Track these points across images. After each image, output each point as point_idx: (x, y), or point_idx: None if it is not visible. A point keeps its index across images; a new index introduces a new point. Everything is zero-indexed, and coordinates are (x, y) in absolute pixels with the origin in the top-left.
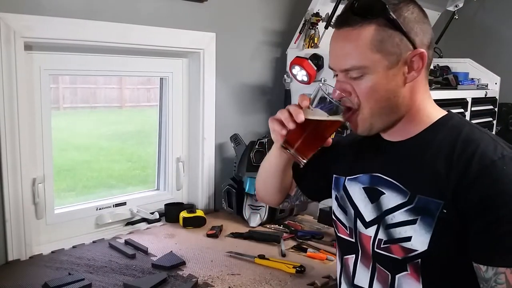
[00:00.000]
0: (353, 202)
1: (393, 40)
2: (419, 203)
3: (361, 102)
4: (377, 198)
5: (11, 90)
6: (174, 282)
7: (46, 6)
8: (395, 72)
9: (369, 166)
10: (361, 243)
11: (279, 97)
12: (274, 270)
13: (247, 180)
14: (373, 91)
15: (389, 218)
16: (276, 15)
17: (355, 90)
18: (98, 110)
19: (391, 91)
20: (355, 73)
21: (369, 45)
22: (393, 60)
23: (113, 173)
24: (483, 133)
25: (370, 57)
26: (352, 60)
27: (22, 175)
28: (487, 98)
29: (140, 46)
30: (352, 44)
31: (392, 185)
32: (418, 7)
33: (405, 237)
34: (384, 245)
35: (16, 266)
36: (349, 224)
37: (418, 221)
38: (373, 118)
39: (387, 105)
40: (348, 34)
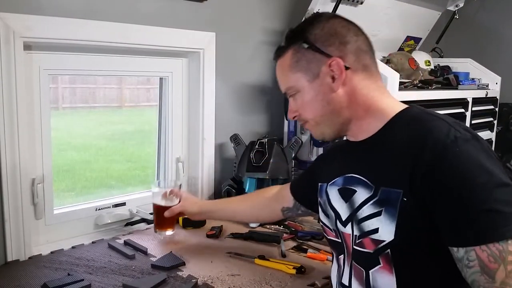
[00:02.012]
0: (332, 205)
1: (306, 57)
2: (382, 194)
3: (304, 116)
4: (350, 196)
5: (10, 90)
6: (174, 282)
7: (46, 6)
8: (319, 83)
9: (343, 168)
10: (345, 242)
11: (279, 97)
12: (274, 270)
13: (247, 181)
14: (306, 104)
15: (359, 213)
16: (276, 15)
17: (298, 108)
18: (97, 110)
19: (323, 100)
20: (290, 93)
21: (288, 67)
22: (313, 74)
23: (112, 173)
24: (438, 120)
25: (293, 77)
26: (283, 84)
27: (21, 175)
28: (487, 98)
29: (139, 46)
30: (280, 71)
31: (360, 181)
32: (333, 22)
33: (373, 229)
34: (358, 240)
35: (15, 266)
36: (332, 227)
37: (382, 212)
38: (320, 126)
39: (325, 113)
40: (278, 64)
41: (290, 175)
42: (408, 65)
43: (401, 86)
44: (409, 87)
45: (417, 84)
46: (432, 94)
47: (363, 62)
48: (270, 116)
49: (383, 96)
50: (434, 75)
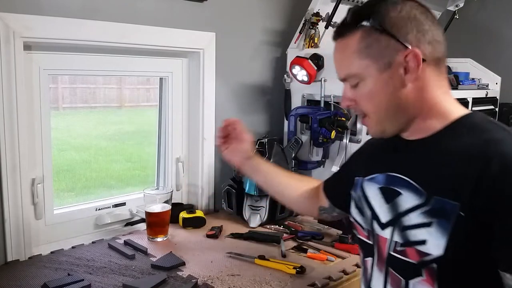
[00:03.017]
0: (369, 203)
1: (379, 44)
2: (435, 204)
3: (363, 109)
4: (393, 198)
5: (10, 90)
6: (174, 282)
7: (46, 6)
8: (390, 75)
9: (386, 165)
10: (378, 245)
11: (279, 97)
12: (274, 270)
13: (247, 181)
14: (371, 96)
15: (405, 220)
16: (276, 15)
17: (357, 98)
18: (97, 110)
19: (391, 94)
20: (351, 81)
21: (356, 52)
22: (384, 64)
23: (112, 173)
24: (502, 130)
25: (359, 64)
26: (345, 69)
27: (21, 175)
28: (487, 98)
29: (139, 46)
30: (342, 53)
31: (409, 185)
32: (411, 5)
33: (420, 240)
34: (400, 248)
35: (15, 266)
36: (366, 226)
37: (433, 223)
38: (382, 122)
39: (390, 108)
40: (340, 45)
41: None
42: None
43: None
44: None
45: None
46: None
47: (437, 55)
48: (270, 116)
49: (447, 96)
50: None
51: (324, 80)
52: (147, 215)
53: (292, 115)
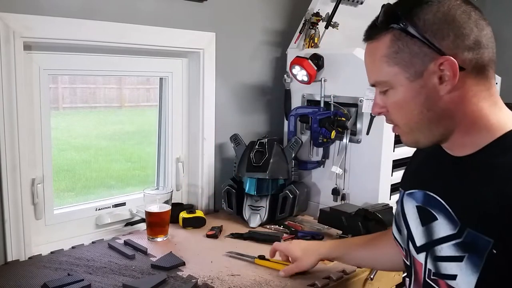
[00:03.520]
0: (406, 221)
1: (410, 49)
2: (467, 237)
3: (394, 118)
4: (428, 221)
5: (10, 90)
6: (174, 282)
7: (46, 6)
8: (421, 84)
9: (426, 182)
10: (414, 268)
11: (279, 97)
12: (274, 270)
13: (247, 181)
14: (400, 106)
15: (437, 249)
16: (276, 15)
17: (387, 106)
18: (97, 110)
19: (422, 105)
20: (380, 88)
21: (384, 58)
22: (416, 71)
23: (112, 173)
24: None
25: (388, 71)
26: (374, 75)
27: (21, 175)
28: None
29: (139, 46)
30: (371, 58)
31: (445, 210)
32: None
33: (450, 274)
34: (433, 277)
35: (15, 266)
36: (403, 245)
37: (465, 258)
38: (413, 133)
39: (422, 120)
40: (369, 48)
41: (290, 175)
42: None
43: None
44: None
45: None
46: None
47: (480, 61)
48: (270, 116)
49: (495, 108)
50: None
51: (324, 80)
52: (147, 215)
53: (292, 115)
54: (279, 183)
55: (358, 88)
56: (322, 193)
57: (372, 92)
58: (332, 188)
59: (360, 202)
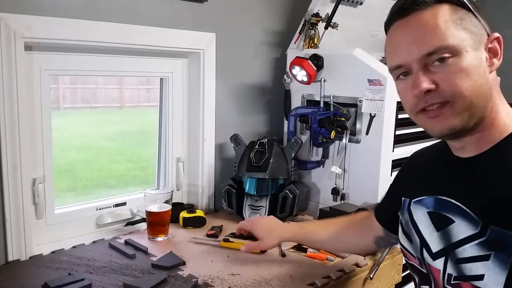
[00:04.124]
0: (418, 229)
1: (470, 19)
2: (492, 235)
3: (452, 90)
4: (444, 225)
5: (11, 90)
6: (174, 282)
7: (47, 6)
8: (480, 55)
9: (436, 187)
10: (432, 276)
11: (279, 98)
12: (274, 270)
13: (247, 180)
14: (466, 74)
15: (459, 252)
16: (276, 15)
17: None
18: (98, 110)
19: (483, 76)
20: (443, 54)
21: (451, 22)
22: (477, 41)
23: (113, 173)
24: None
25: (456, 35)
26: (437, 40)
27: (22, 175)
28: None
29: (140, 46)
30: (433, 22)
31: (462, 211)
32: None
33: (477, 275)
34: (455, 281)
35: (16, 266)
36: (416, 254)
37: (491, 256)
38: (466, 110)
39: (481, 93)
40: (422, 17)
41: (290, 175)
42: None
43: None
44: None
45: None
46: None
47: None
48: (270, 116)
49: (504, 104)
50: None
51: (323, 81)
52: (148, 214)
53: (292, 115)
54: (279, 183)
55: (357, 88)
56: (322, 193)
57: (371, 92)
58: (331, 188)
59: (359, 201)
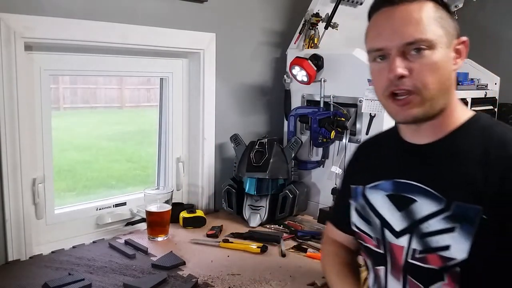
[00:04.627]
0: (377, 212)
1: (448, 20)
2: (456, 209)
3: (421, 81)
4: (406, 206)
5: (11, 90)
6: (174, 282)
7: (46, 6)
8: (449, 54)
9: (392, 171)
10: (391, 254)
11: (279, 98)
12: (274, 270)
13: (247, 180)
14: (437, 68)
15: (423, 227)
16: (276, 15)
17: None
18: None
19: (449, 71)
20: (420, 46)
21: (433, 19)
22: (449, 40)
23: (113, 173)
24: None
25: (435, 31)
26: (418, 33)
27: (22, 175)
28: (486, 98)
29: (140, 47)
30: (417, 16)
31: (423, 191)
32: None
33: (443, 246)
34: (420, 255)
35: (16, 266)
36: (375, 235)
37: (456, 228)
38: (431, 99)
39: (444, 86)
40: (408, 9)
41: (290, 175)
42: None
43: None
44: None
45: None
46: None
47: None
48: (270, 116)
49: (458, 100)
50: None
51: (323, 81)
52: (148, 214)
53: (292, 115)
54: (279, 183)
55: (357, 89)
56: (322, 193)
57: (371, 92)
58: (331, 188)
59: None
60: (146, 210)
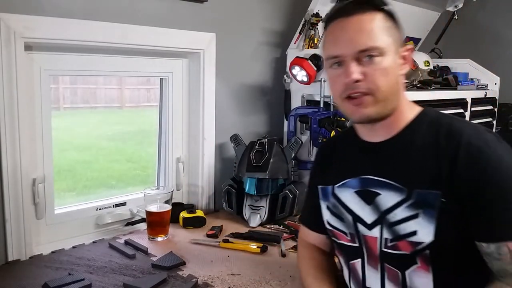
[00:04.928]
0: (348, 208)
1: (395, 29)
2: (418, 197)
3: (374, 84)
4: (372, 199)
5: (11, 90)
6: (174, 282)
7: (46, 6)
8: (396, 60)
9: (356, 169)
10: (366, 246)
11: (279, 98)
12: (274, 270)
13: (247, 180)
14: (387, 73)
15: (390, 217)
16: (276, 15)
17: (369, 73)
18: (98, 110)
19: (397, 76)
20: (372, 53)
21: (383, 29)
22: (396, 48)
23: (113, 173)
24: (462, 122)
25: (385, 40)
26: (370, 41)
27: (22, 175)
28: (486, 99)
29: (140, 46)
30: (369, 26)
31: (386, 184)
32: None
33: (410, 232)
34: (391, 243)
35: (16, 266)
36: (349, 230)
37: (420, 214)
38: (383, 101)
39: (394, 89)
40: (361, 19)
41: (290, 175)
42: None
43: None
44: (409, 88)
45: (417, 84)
46: (431, 94)
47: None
48: (270, 116)
49: (406, 97)
50: (433, 75)
51: (323, 81)
52: (148, 214)
53: (292, 115)
54: (279, 183)
55: None
56: None
57: None
58: None
59: None
60: (146, 210)
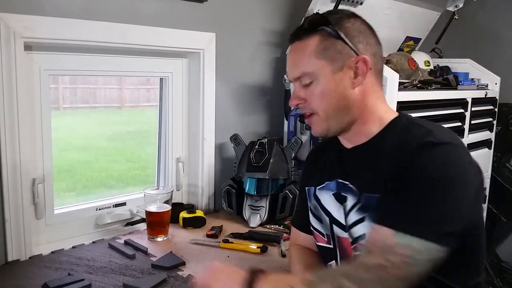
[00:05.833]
0: (326, 209)
1: (335, 47)
2: (365, 200)
3: (313, 107)
4: (343, 202)
5: (11, 90)
6: (174, 282)
7: (46, 6)
8: (341, 76)
9: (334, 173)
10: (340, 247)
11: (279, 97)
12: (274, 270)
13: (247, 181)
14: (323, 94)
15: (348, 220)
16: (276, 15)
17: (307, 97)
18: (98, 110)
19: (340, 93)
20: (305, 80)
21: (313, 53)
22: (338, 65)
23: (113, 173)
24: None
25: (316, 64)
26: (301, 68)
27: (21, 175)
28: (487, 98)
29: (140, 46)
30: (300, 53)
31: (349, 188)
32: (360, 21)
33: (360, 235)
34: (353, 245)
35: (15, 266)
36: (325, 232)
37: (366, 217)
38: (329, 120)
39: (339, 107)
40: (297, 46)
41: (290, 175)
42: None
43: (401, 87)
44: (409, 88)
45: (417, 84)
46: (431, 94)
47: (378, 67)
48: (270, 116)
49: (383, 104)
50: (434, 75)
51: None
52: (148, 215)
53: (292, 115)
54: (279, 183)
55: None
56: None
57: None
58: None
59: None
60: (146, 210)
